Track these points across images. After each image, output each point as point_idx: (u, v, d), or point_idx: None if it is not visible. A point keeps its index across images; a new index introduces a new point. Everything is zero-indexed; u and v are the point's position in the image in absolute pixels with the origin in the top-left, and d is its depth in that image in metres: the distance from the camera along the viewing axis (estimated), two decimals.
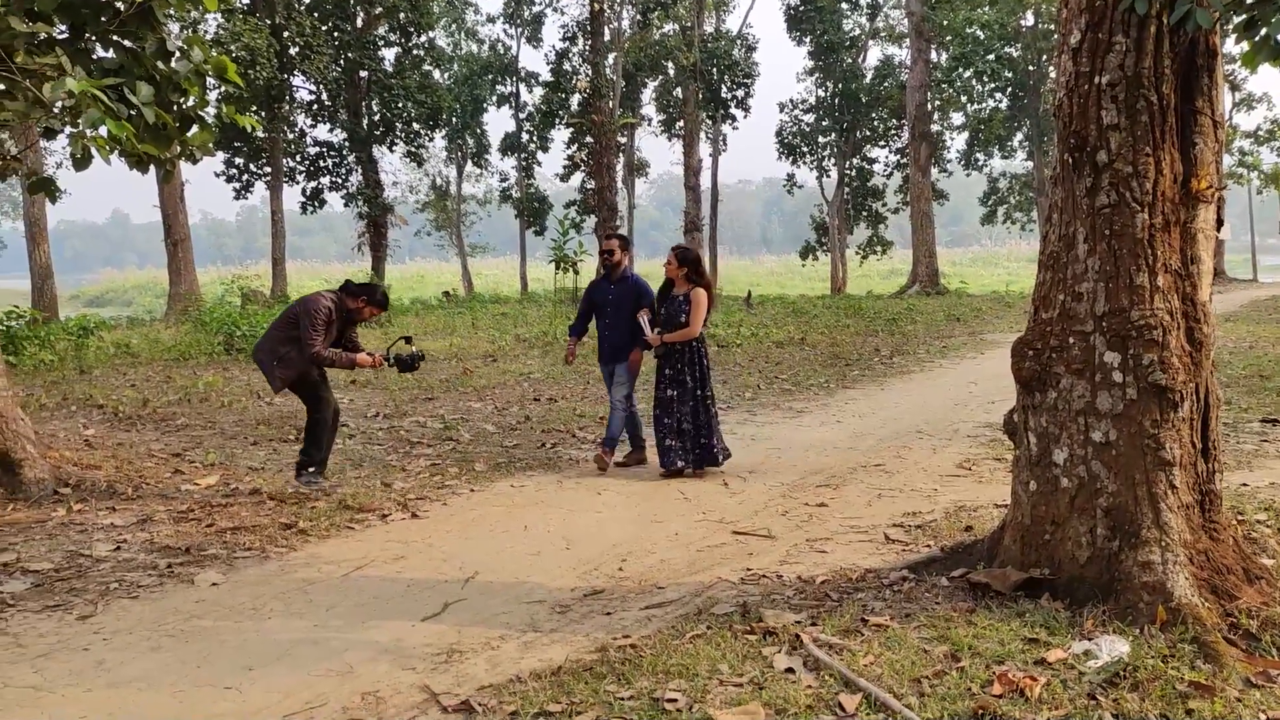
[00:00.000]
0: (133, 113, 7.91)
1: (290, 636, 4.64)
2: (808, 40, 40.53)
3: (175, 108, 8.79)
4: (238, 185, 31.71)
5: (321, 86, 30.46)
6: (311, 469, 7.38)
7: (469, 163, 42.70)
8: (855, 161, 41.49)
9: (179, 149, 8.68)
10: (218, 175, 30.99)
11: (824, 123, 41.39)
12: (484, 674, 4.15)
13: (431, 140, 35.04)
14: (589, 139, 35.62)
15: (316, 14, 28.98)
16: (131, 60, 8.46)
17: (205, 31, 25.12)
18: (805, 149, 41.79)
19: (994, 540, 5.04)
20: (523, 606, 5.00)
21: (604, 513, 6.84)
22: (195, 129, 8.60)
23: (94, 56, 8.80)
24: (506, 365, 15.39)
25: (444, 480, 7.83)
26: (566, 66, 37.67)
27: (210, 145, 8.75)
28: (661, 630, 4.51)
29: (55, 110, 7.61)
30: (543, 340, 18.83)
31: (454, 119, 36.95)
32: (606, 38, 34.81)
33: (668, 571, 5.53)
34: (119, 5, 8.20)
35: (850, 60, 41.15)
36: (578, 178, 37.80)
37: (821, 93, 41.44)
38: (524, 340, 19.11)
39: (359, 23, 30.95)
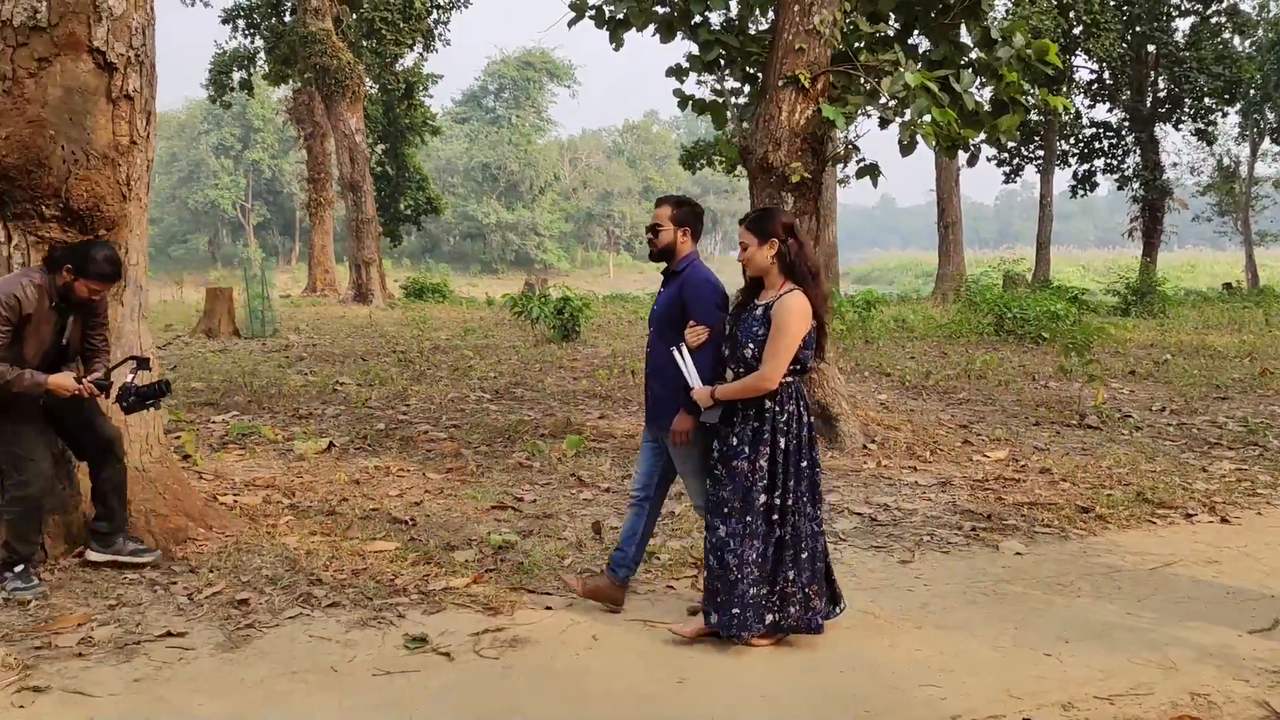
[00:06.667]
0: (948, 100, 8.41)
1: (1102, 618, 4.61)
2: None
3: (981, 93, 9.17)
4: (1007, 169, 32.13)
5: (1104, 64, 29.35)
6: (18, 568, 4.72)
7: (1266, 140, 37.85)
8: None
9: (985, 133, 9.04)
10: (989, 160, 31.64)
11: None
12: None
13: (1224, 116, 31.83)
14: None
15: None
16: (954, 50, 8.99)
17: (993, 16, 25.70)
18: None
19: None
20: None
21: None
22: (1006, 114, 8.87)
23: (920, 50, 9.54)
24: None
25: (1254, 488, 7.11)
26: None
27: (1015, 129, 8.97)
28: None
29: (886, 101, 8.33)
30: None
31: (1252, 91, 32.96)
32: None
33: None
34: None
35: None
36: None
37: None
38: None
39: None
